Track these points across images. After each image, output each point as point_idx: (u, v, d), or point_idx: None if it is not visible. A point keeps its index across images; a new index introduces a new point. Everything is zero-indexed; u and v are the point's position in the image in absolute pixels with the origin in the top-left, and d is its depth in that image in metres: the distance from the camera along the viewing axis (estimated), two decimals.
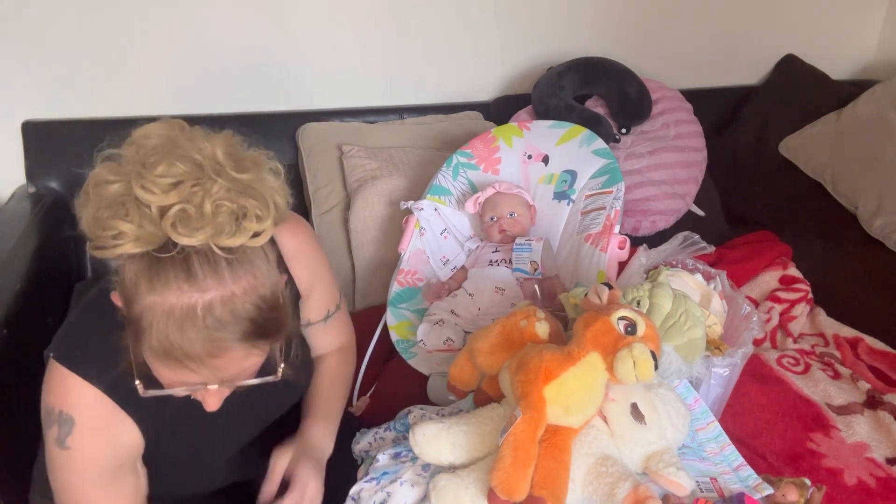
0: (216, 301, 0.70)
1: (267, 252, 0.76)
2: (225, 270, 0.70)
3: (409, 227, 1.58)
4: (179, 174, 0.69)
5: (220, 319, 0.70)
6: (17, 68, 1.67)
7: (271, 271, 0.76)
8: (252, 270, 0.73)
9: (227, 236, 0.70)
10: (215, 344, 0.71)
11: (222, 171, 0.72)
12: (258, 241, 0.73)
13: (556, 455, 0.85)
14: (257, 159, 0.77)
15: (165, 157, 0.70)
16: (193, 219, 0.68)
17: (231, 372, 0.76)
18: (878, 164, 1.87)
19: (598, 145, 1.59)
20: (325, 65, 1.90)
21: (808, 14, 2.30)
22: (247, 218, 0.71)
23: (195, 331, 0.69)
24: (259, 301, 0.73)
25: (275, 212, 0.75)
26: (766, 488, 0.94)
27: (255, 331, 0.73)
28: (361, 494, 0.95)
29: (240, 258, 0.72)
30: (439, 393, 1.27)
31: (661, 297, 1.07)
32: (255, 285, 0.73)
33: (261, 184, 0.75)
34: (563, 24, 2.06)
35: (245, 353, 0.74)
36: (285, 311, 0.77)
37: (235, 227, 0.70)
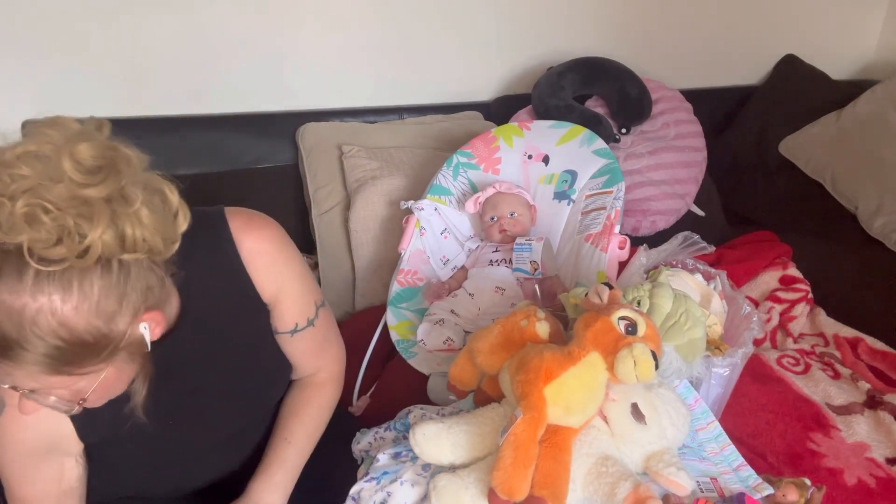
0: (3, 305, 0.65)
1: (122, 280, 0.70)
2: (29, 280, 0.65)
3: (410, 226, 1.58)
4: (23, 170, 0.66)
5: (2, 327, 0.65)
6: (17, 68, 1.67)
7: (109, 302, 0.69)
8: (62, 292, 0.66)
9: (43, 246, 0.64)
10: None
11: (63, 179, 0.66)
12: (83, 263, 0.66)
13: (557, 455, 0.85)
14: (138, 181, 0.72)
15: (20, 148, 0.67)
16: (6, 216, 0.64)
17: (22, 384, 0.72)
18: (878, 164, 1.87)
19: (599, 145, 1.59)
20: (325, 64, 1.90)
21: (808, 14, 2.30)
22: (69, 235, 0.65)
23: None
24: (57, 327, 0.67)
25: (112, 237, 0.68)
26: (766, 488, 0.94)
27: (42, 358, 0.68)
28: (361, 494, 0.95)
29: (55, 274, 0.65)
30: (439, 393, 1.27)
31: (662, 297, 1.07)
32: (57, 308, 0.66)
33: (104, 205, 0.68)
34: (562, 24, 2.06)
35: (33, 373, 0.69)
36: (98, 350, 0.71)
37: (54, 240, 0.64)
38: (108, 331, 0.71)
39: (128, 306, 0.72)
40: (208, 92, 1.82)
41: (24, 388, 0.73)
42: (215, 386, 0.95)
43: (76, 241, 0.66)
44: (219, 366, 0.94)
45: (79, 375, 0.73)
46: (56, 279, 0.66)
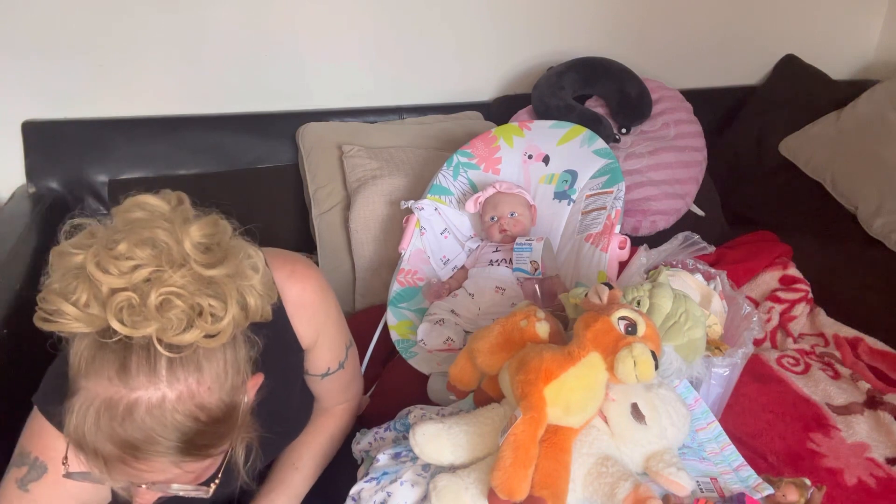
0: (142, 402, 0.63)
1: (233, 351, 0.69)
2: (163, 370, 0.64)
3: (410, 226, 1.58)
4: (139, 258, 0.64)
5: (140, 424, 0.63)
6: (17, 68, 1.67)
7: (231, 375, 0.69)
8: (197, 374, 0.66)
9: (173, 333, 0.63)
10: (129, 451, 0.64)
11: (186, 263, 0.65)
12: (213, 343, 0.66)
13: (557, 455, 0.85)
14: (236, 251, 0.71)
15: (129, 237, 0.64)
16: (137, 309, 0.62)
17: (150, 479, 0.68)
18: (878, 164, 1.87)
19: (599, 145, 1.59)
20: (325, 65, 1.90)
21: (808, 14, 2.30)
22: (201, 317, 0.65)
23: (109, 430, 0.63)
24: (196, 410, 0.66)
25: (239, 311, 0.68)
26: (766, 488, 0.94)
27: (181, 446, 0.66)
28: (361, 494, 0.95)
29: (186, 358, 0.65)
30: (439, 392, 1.27)
31: (662, 297, 1.07)
32: (195, 392, 0.65)
33: (229, 281, 0.68)
34: (563, 24, 2.06)
35: (167, 465, 0.67)
36: (232, 423, 0.70)
37: (186, 325, 0.64)
38: (233, 404, 0.70)
39: (242, 375, 0.71)
40: (208, 92, 1.82)
41: (158, 481, 0.70)
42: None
43: (209, 323, 0.65)
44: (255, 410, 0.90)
45: (213, 456, 0.71)
46: (188, 363, 0.65)
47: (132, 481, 0.69)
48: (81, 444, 0.64)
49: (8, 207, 1.67)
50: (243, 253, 0.73)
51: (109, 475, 0.67)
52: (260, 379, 0.78)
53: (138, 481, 0.69)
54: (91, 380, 0.63)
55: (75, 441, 0.65)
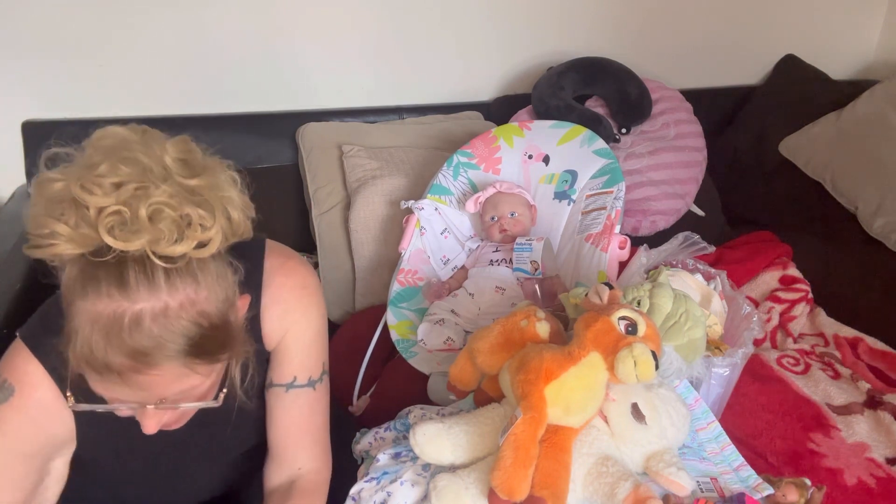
0: (146, 312, 0.65)
1: (221, 267, 0.72)
2: (161, 280, 0.66)
3: (410, 226, 1.58)
4: (122, 175, 0.66)
5: (148, 333, 0.65)
6: (17, 68, 1.67)
7: (222, 287, 0.71)
8: (195, 284, 0.68)
9: (166, 244, 0.65)
10: (141, 359, 0.66)
11: (169, 176, 0.68)
12: (204, 252, 0.68)
13: (557, 455, 0.85)
14: (213, 166, 0.73)
15: (109, 158, 0.66)
16: (129, 223, 0.64)
17: (161, 392, 0.71)
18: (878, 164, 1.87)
19: (599, 145, 1.59)
20: (325, 64, 1.90)
21: (808, 14, 2.30)
22: (191, 227, 0.67)
23: (119, 342, 0.65)
24: (198, 317, 0.68)
25: (225, 222, 0.70)
26: (766, 488, 0.94)
27: (189, 349, 0.68)
28: (361, 494, 0.95)
29: (181, 269, 0.67)
30: (440, 392, 1.27)
31: (662, 297, 1.07)
32: (194, 300, 0.68)
33: (212, 192, 0.70)
34: (562, 23, 2.06)
35: (177, 372, 0.69)
36: (232, 332, 0.73)
37: (177, 236, 0.66)
38: (230, 315, 0.72)
39: (232, 289, 0.74)
40: (208, 92, 1.82)
41: (165, 395, 0.72)
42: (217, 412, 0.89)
43: (199, 233, 0.67)
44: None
45: (216, 363, 0.73)
46: (184, 273, 0.67)
47: (142, 401, 0.71)
48: (91, 362, 0.66)
49: (8, 207, 1.67)
50: (220, 167, 0.75)
51: (123, 392, 0.69)
52: (247, 300, 0.80)
53: (150, 397, 0.71)
54: (90, 300, 0.65)
55: (85, 361, 0.66)
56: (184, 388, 0.72)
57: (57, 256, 0.67)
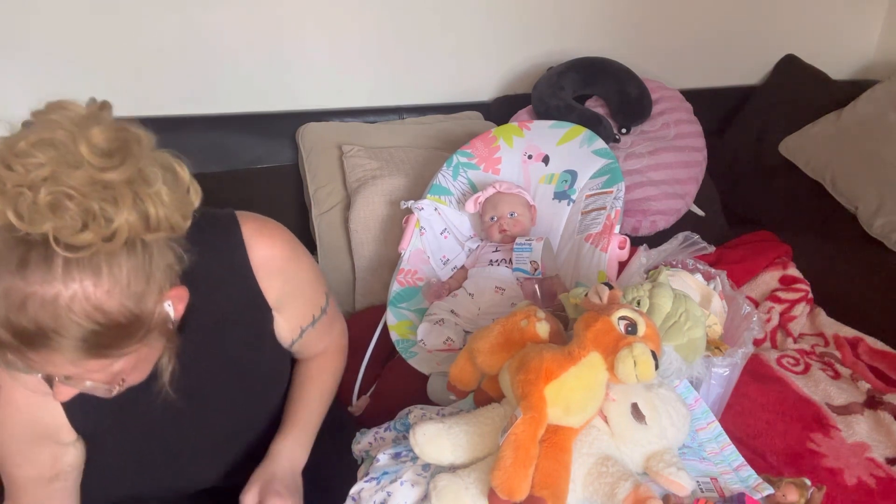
0: (36, 297, 0.65)
1: (142, 259, 0.70)
2: (59, 269, 0.65)
3: (410, 226, 1.58)
4: (40, 158, 0.65)
5: (33, 317, 0.65)
6: (17, 68, 1.66)
7: (138, 281, 0.70)
8: (95, 277, 0.67)
9: (69, 233, 0.64)
10: (24, 340, 0.66)
11: (83, 166, 0.66)
12: (112, 246, 0.67)
13: (557, 455, 0.85)
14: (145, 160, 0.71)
15: (30, 137, 0.66)
16: (30, 207, 0.64)
17: (55, 372, 0.72)
18: (878, 164, 1.87)
19: (599, 145, 1.59)
20: (325, 65, 1.90)
21: (808, 14, 2.30)
22: (95, 220, 0.65)
23: (5, 318, 0.65)
24: (93, 312, 0.67)
25: (137, 218, 0.68)
26: (766, 488, 0.94)
27: (77, 343, 0.68)
28: (361, 494, 0.95)
29: (83, 260, 0.66)
30: (439, 392, 1.27)
31: (662, 297, 1.07)
32: (90, 294, 0.67)
33: (127, 186, 0.68)
34: (562, 24, 2.06)
35: (66, 360, 0.69)
36: (138, 328, 0.72)
37: (80, 226, 0.65)
38: (139, 311, 0.71)
39: (154, 285, 0.73)
40: (208, 92, 1.82)
41: (61, 374, 0.73)
42: (213, 384, 0.96)
43: (102, 226, 0.66)
44: (218, 365, 0.95)
45: (115, 358, 0.73)
46: (85, 265, 0.66)
47: (47, 371, 0.72)
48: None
49: None
50: (160, 164, 0.73)
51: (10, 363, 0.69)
52: (183, 292, 0.79)
53: (47, 370, 0.71)
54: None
55: None
56: (80, 371, 0.72)
57: None
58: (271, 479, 0.95)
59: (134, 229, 0.68)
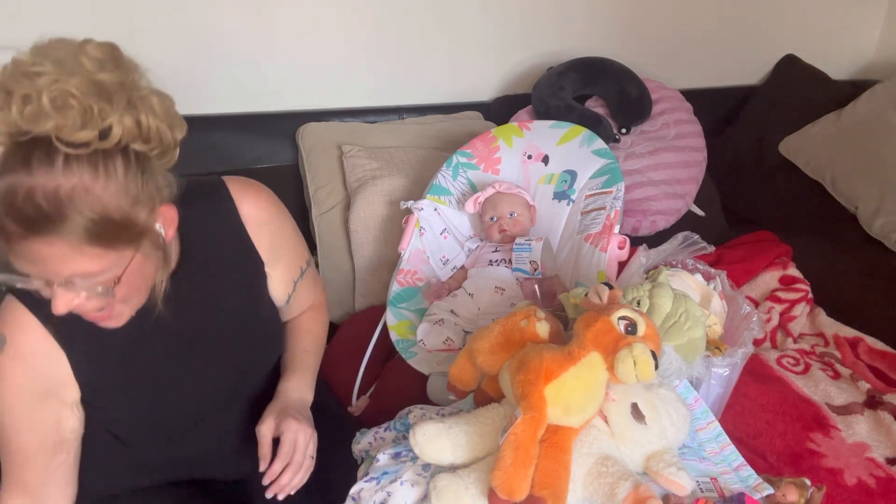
0: (39, 187, 0.72)
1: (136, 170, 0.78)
2: (60, 163, 0.72)
3: (409, 226, 1.58)
4: (41, 68, 0.72)
5: (37, 206, 0.72)
6: None
7: (132, 186, 0.77)
8: (93, 173, 0.74)
9: (70, 130, 0.72)
10: (29, 228, 0.73)
11: (80, 70, 0.74)
12: (107, 143, 0.74)
13: (557, 455, 0.85)
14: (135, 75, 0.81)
15: (34, 52, 0.74)
16: (36, 108, 0.71)
17: (56, 269, 0.77)
18: (878, 164, 1.87)
19: (598, 145, 1.59)
20: (325, 65, 1.90)
21: (808, 14, 2.30)
22: (93, 119, 0.73)
23: (11, 210, 0.72)
24: (92, 203, 0.74)
25: (130, 120, 0.76)
26: (766, 488, 0.94)
27: (76, 230, 0.74)
28: (361, 494, 0.95)
29: (82, 157, 0.73)
30: (439, 393, 1.27)
31: (662, 297, 1.07)
32: (89, 188, 0.74)
33: (119, 88, 0.76)
34: (562, 24, 2.06)
35: (66, 251, 0.75)
36: (132, 230, 0.79)
37: (80, 124, 0.72)
38: (133, 214, 0.78)
39: (146, 195, 0.79)
40: (208, 92, 1.82)
41: (62, 274, 0.77)
42: (212, 333, 1.01)
43: (99, 124, 0.73)
44: (215, 313, 1.00)
45: (112, 254, 0.79)
46: (84, 162, 0.73)
47: (43, 276, 0.78)
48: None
49: None
50: (146, 81, 0.83)
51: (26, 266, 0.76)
52: (174, 213, 0.86)
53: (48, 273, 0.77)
54: (4, 174, 0.72)
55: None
56: (77, 270, 0.77)
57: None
58: (285, 408, 1.00)
59: (128, 132, 0.76)
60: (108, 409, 0.97)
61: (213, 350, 1.01)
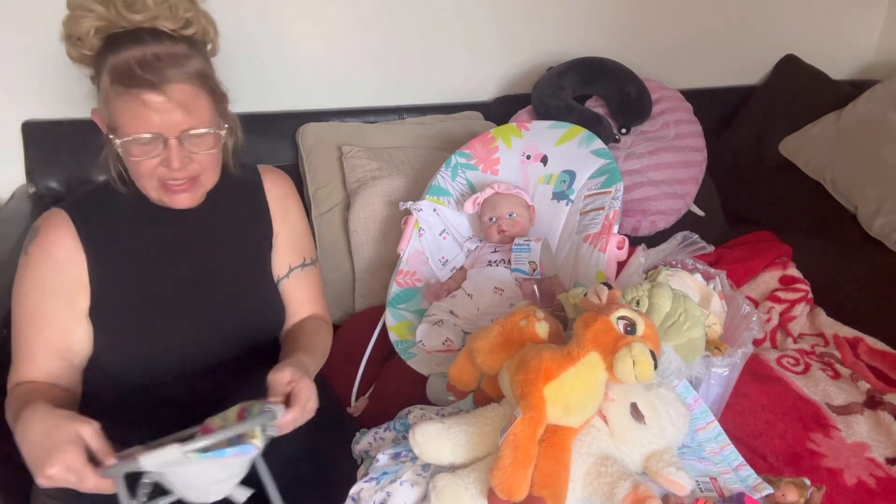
0: (163, 53, 0.93)
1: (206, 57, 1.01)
2: (167, 41, 0.94)
3: (409, 227, 1.58)
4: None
5: (167, 61, 0.92)
6: (17, 68, 1.67)
7: (206, 62, 1.00)
8: (188, 47, 0.96)
9: (163, 20, 0.94)
10: (166, 76, 0.91)
11: None
12: (189, 30, 0.97)
13: (556, 455, 0.85)
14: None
15: None
16: (138, 3, 0.93)
17: (186, 109, 0.94)
18: (878, 164, 1.87)
19: (597, 145, 1.59)
20: (325, 65, 1.90)
21: (808, 14, 2.30)
22: (179, 8, 0.95)
23: (151, 68, 0.91)
24: (197, 62, 0.96)
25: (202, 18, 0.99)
26: (765, 488, 0.94)
27: (197, 73, 0.95)
28: (361, 494, 0.95)
29: (177, 36, 0.96)
30: (438, 393, 1.27)
31: (661, 297, 1.07)
32: (190, 54, 0.95)
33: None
34: (563, 24, 2.06)
35: (193, 91, 0.95)
36: (224, 98, 1.04)
37: (169, 13, 0.94)
38: (222, 87, 1.04)
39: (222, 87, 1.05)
40: None
41: (179, 128, 0.94)
42: (215, 279, 1.09)
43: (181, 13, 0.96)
44: (223, 260, 1.10)
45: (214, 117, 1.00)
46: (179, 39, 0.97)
47: (164, 131, 0.93)
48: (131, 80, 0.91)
49: (8, 207, 1.67)
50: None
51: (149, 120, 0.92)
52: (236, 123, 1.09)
53: (170, 124, 0.93)
54: (117, 54, 0.93)
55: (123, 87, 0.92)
56: (193, 123, 0.95)
57: (88, 32, 0.95)
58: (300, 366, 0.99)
59: (200, 28, 1.00)
60: (106, 331, 1.03)
61: (216, 295, 1.08)
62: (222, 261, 1.11)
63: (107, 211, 1.05)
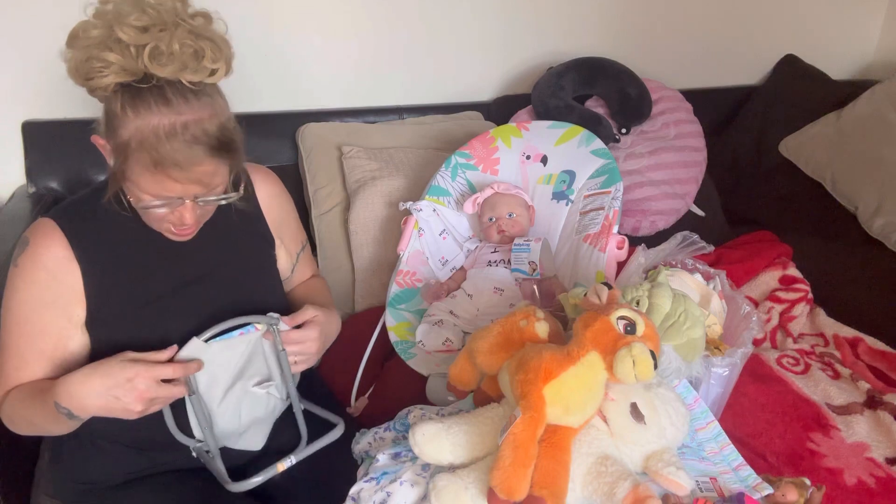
0: (190, 122, 0.87)
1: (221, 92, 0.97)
2: (192, 99, 0.88)
3: (408, 227, 1.58)
4: (146, 21, 0.86)
5: (194, 135, 0.87)
6: (17, 68, 1.67)
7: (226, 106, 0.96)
8: (211, 102, 0.91)
9: (190, 72, 0.88)
10: (192, 155, 0.88)
11: (181, 20, 0.88)
12: (215, 78, 0.92)
13: (556, 455, 0.85)
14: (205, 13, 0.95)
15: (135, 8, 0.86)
16: (165, 55, 0.86)
17: (206, 182, 0.92)
18: (878, 164, 1.87)
19: (597, 145, 1.59)
20: (324, 65, 1.90)
21: (808, 14, 2.30)
22: (205, 58, 0.89)
23: (179, 143, 0.86)
24: (220, 125, 0.91)
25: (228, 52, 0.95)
26: (765, 488, 0.94)
27: (220, 146, 0.90)
28: (361, 494, 0.95)
29: (201, 91, 0.90)
30: (438, 393, 1.27)
31: (661, 297, 1.07)
32: (215, 113, 0.91)
33: (211, 32, 0.93)
34: (562, 24, 2.06)
35: (214, 166, 0.91)
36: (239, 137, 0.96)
37: (196, 65, 0.88)
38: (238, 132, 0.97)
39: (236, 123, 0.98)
40: None
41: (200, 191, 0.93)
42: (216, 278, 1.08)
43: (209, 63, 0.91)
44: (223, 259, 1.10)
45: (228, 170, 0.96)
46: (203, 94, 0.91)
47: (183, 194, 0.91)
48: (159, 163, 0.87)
49: (8, 207, 1.67)
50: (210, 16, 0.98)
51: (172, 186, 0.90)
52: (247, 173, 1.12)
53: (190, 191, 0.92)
54: (143, 118, 0.86)
55: (153, 164, 0.87)
56: (215, 182, 0.94)
57: (107, 87, 0.87)
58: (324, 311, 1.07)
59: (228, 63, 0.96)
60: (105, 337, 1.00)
61: (215, 296, 1.07)
62: (220, 261, 1.10)
63: (98, 217, 1.01)
